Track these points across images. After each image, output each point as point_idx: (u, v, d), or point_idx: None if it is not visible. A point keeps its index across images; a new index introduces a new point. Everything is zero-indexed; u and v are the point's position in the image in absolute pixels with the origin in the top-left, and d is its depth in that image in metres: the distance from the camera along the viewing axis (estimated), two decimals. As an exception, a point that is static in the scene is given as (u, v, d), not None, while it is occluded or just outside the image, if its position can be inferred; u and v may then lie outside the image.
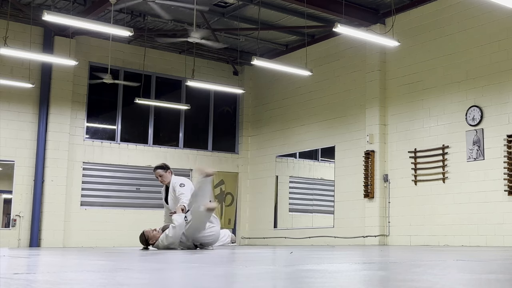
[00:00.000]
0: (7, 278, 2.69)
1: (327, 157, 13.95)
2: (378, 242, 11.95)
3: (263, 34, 13.93)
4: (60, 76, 13.30)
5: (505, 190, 10.18)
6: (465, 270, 3.26)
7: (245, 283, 2.52)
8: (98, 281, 2.66)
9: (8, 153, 12.76)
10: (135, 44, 14.38)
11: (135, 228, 14.05)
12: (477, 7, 10.84)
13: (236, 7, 12.65)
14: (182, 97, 15.06)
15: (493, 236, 10.27)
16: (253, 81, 16.02)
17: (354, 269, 3.31)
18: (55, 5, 12.37)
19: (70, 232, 13.21)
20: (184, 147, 15.05)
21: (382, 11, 12.51)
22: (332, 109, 13.63)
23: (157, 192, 14.54)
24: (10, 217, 12.78)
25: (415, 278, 2.69)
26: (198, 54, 14.83)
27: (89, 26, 9.81)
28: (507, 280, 2.56)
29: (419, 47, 11.90)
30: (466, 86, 11.01)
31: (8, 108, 12.86)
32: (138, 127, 15.00)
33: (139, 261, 4.67)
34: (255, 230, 15.47)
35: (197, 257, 5.41)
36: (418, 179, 11.64)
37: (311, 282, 2.48)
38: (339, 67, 13.60)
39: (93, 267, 3.83)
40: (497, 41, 10.59)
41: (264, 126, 15.56)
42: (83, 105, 13.76)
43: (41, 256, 5.93)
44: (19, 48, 11.57)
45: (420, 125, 11.74)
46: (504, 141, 10.30)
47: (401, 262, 4.03)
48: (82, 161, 13.59)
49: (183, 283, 2.62)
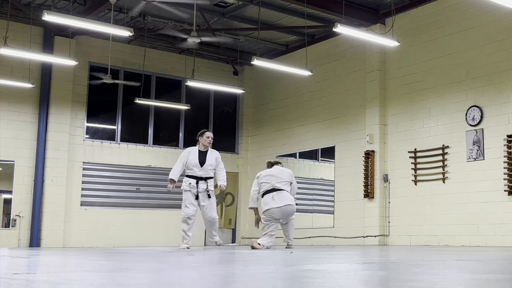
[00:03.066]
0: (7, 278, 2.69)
1: (327, 157, 13.94)
2: (378, 242, 11.95)
3: (263, 34, 13.92)
4: (60, 76, 13.30)
5: (505, 190, 10.17)
6: (465, 270, 3.26)
7: (245, 283, 2.52)
8: (98, 281, 2.66)
9: (8, 153, 12.75)
10: (135, 44, 14.38)
11: (135, 228, 14.09)
12: (477, 7, 10.84)
13: (236, 7, 12.65)
14: (182, 97, 15.06)
15: (493, 236, 10.27)
16: (253, 81, 16.02)
17: (354, 269, 3.31)
18: (55, 5, 12.37)
19: (70, 232, 13.21)
20: (184, 147, 15.02)
21: (382, 11, 12.51)
22: (332, 109, 13.63)
23: (157, 192, 14.60)
24: (10, 217, 12.78)
25: (415, 278, 2.69)
26: (198, 54, 14.83)
27: (89, 26, 9.80)
28: (507, 280, 2.56)
29: (419, 47, 11.90)
30: (466, 86, 11.01)
31: (8, 108, 12.86)
32: (138, 127, 15.00)
33: (139, 261, 4.67)
34: (255, 230, 15.42)
35: (197, 257, 5.41)
36: (418, 179, 11.64)
37: (311, 282, 2.48)
38: (339, 67, 13.60)
39: (93, 267, 3.83)
40: (497, 41, 10.58)
41: (264, 126, 15.55)
42: (83, 105, 13.76)
43: (41, 256, 5.93)
44: (19, 48, 11.57)
45: (420, 125, 11.74)
46: (504, 141, 10.30)
47: (401, 262, 4.03)
48: (82, 161, 13.59)
49: (183, 283, 2.62)
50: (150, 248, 10.75)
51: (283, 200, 8.27)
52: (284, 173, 8.55)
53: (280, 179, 8.42)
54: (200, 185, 8.69)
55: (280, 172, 8.55)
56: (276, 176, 8.46)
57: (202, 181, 8.73)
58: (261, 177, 8.54)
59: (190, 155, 8.78)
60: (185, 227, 8.67)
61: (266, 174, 8.54)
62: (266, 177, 8.49)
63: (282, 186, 8.37)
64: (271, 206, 8.25)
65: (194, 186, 8.68)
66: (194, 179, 8.70)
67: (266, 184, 8.43)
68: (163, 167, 14.59)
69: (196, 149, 8.86)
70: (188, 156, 8.78)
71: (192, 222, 8.69)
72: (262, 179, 8.51)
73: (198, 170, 8.72)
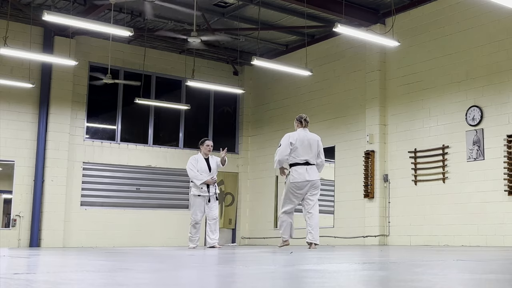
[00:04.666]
0: (7, 278, 2.69)
1: (327, 157, 13.84)
2: (378, 242, 11.95)
3: (263, 34, 13.92)
4: (60, 76, 13.30)
5: (505, 190, 10.17)
6: (465, 270, 3.26)
7: (245, 283, 2.52)
8: (98, 281, 2.66)
9: (8, 153, 12.75)
10: (135, 44, 14.38)
11: (135, 228, 14.09)
12: (477, 7, 10.83)
13: (236, 7, 12.65)
14: (182, 97, 15.06)
15: (493, 236, 10.27)
16: (253, 81, 16.02)
17: (354, 269, 3.31)
18: (55, 5, 12.36)
19: (70, 232, 13.20)
20: (184, 147, 15.05)
21: (382, 11, 12.51)
22: (332, 109, 13.63)
23: (157, 192, 14.61)
24: (10, 217, 12.78)
25: (415, 278, 2.69)
26: (198, 54, 14.83)
27: (89, 26, 9.80)
28: (507, 280, 2.56)
29: (419, 47, 11.90)
30: (466, 86, 11.01)
31: (8, 108, 12.86)
32: (138, 127, 15.00)
33: (139, 261, 4.67)
34: (255, 230, 15.47)
35: (197, 257, 5.41)
36: (418, 179, 11.64)
37: (311, 282, 2.48)
38: (339, 67, 13.60)
39: (93, 267, 3.83)
40: (497, 41, 10.58)
41: (264, 126, 15.55)
42: (83, 105, 13.76)
43: (41, 256, 5.93)
44: (19, 48, 11.57)
45: (420, 125, 11.74)
46: (504, 141, 10.30)
47: (401, 262, 4.03)
48: (82, 161, 13.59)
49: (183, 283, 2.62)
50: (150, 248, 10.75)
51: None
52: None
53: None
54: (211, 190, 9.42)
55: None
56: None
57: (211, 185, 9.43)
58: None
59: (198, 162, 9.44)
60: (192, 230, 9.47)
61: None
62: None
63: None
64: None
65: (205, 191, 9.37)
66: (204, 184, 9.36)
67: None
68: (163, 167, 14.60)
69: (201, 156, 9.53)
70: (197, 163, 9.43)
71: (199, 226, 9.51)
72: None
73: (206, 175, 9.35)
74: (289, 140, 8.12)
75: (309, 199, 8.21)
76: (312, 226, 8.12)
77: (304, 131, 8.29)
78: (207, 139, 9.73)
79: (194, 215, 9.38)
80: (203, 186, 9.34)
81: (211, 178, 9.34)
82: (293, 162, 8.15)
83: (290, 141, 8.11)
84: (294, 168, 8.14)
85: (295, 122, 8.47)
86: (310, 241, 8.09)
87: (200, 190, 9.35)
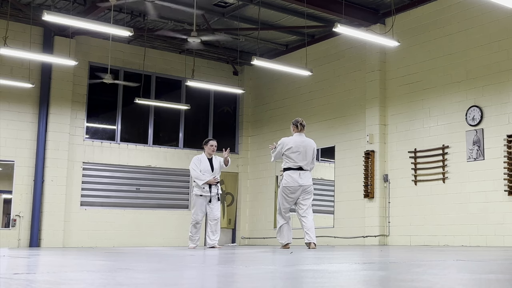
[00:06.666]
0: (7, 278, 2.69)
1: (327, 157, 13.94)
2: (378, 242, 11.95)
3: (263, 34, 13.93)
4: (60, 76, 13.30)
5: (505, 190, 10.18)
6: (465, 270, 3.26)
7: (245, 283, 2.52)
8: (98, 281, 2.66)
9: (8, 153, 12.75)
10: (135, 44, 14.38)
11: (135, 228, 14.09)
12: (477, 7, 10.84)
13: (236, 7, 12.64)
14: (182, 97, 15.06)
15: (493, 236, 10.27)
16: (253, 81, 16.02)
17: (354, 269, 3.31)
18: (55, 5, 12.36)
19: (70, 232, 13.20)
20: (184, 147, 15.05)
21: (382, 11, 12.51)
22: (332, 109, 13.63)
23: (157, 192, 14.61)
24: (10, 217, 12.78)
25: (415, 278, 2.69)
26: (198, 54, 14.83)
27: (89, 26, 9.80)
28: (507, 280, 2.56)
29: (419, 47, 11.90)
30: (466, 86, 11.01)
31: (8, 108, 12.86)
32: (138, 127, 15.00)
33: (139, 261, 4.67)
34: (255, 230, 15.47)
35: (197, 257, 5.41)
36: (418, 179, 11.64)
37: (311, 282, 2.48)
38: (339, 67, 13.60)
39: (93, 267, 3.83)
40: (497, 41, 10.58)
41: (264, 126, 15.55)
42: (83, 105, 13.76)
43: (41, 256, 5.93)
44: (19, 48, 11.57)
45: (420, 125, 11.74)
46: (504, 141, 10.30)
47: (401, 262, 4.03)
48: (82, 161, 13.59)
49: (183, 283, 2.62)
50: (150, 248, 10.75)
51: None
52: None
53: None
54: (213, 190, 9.41)
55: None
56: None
57: (213, 185, 9.42)
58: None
59: (201, 162, 9.47)
60: (193, 230, 9.48)
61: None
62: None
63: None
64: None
65: (207, 191, 9.38)
66: (207, 184, 9.38)
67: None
68: (163, 167, 14.60)
69: (204, 156, 9.58)
70: (200, 163, 9.46)
71: (199, 226, 9.53)
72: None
73: (209, 175, 9.38)
74: (284, 149, 8.23)
75: (301, 204, 8.25)
76: (308, 228, 8.16)
77: (300, 136, 8.32)
78: (211, 139, 9.74)
79: (195, 215, 9.39)
80: (205, 186, 9.34)
81: (213, 178, 9.35)
82: (287, 166, 8.25)
83: (284, 150, 8.23)
84: (288, 172, 8.24)
85: (291, 126, 8.48)
86: (309, 241, 8.11)
87: (202, 190, 9.36)
